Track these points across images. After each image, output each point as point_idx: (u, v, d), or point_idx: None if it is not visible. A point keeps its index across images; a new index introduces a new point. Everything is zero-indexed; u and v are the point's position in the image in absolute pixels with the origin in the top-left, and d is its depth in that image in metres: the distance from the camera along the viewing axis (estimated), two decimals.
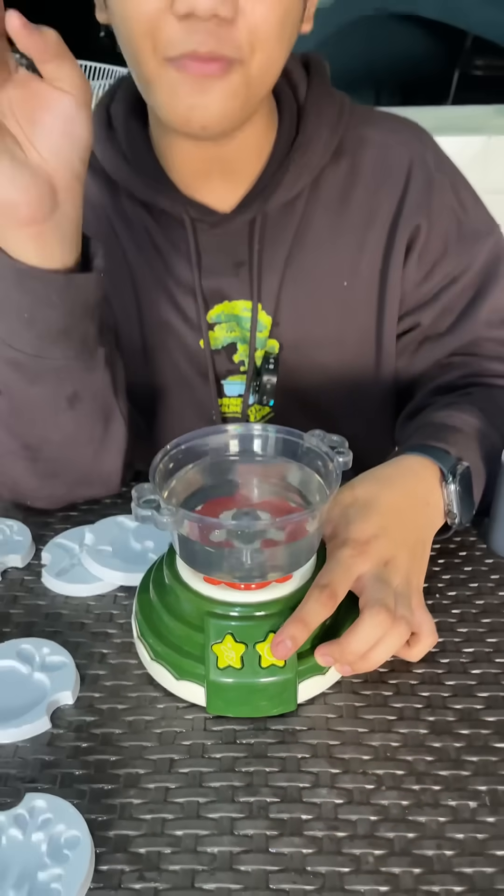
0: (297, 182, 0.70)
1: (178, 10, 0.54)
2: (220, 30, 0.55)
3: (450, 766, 0.48)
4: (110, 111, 0.72)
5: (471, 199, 0.76)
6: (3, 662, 0.55)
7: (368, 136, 0.73)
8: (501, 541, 0.65)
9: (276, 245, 0.72)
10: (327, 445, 0.53)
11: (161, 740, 0.50)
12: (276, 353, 0.75)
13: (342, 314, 0.74)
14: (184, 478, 0.54)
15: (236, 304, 0.74)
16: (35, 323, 0.57)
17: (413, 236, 0.72)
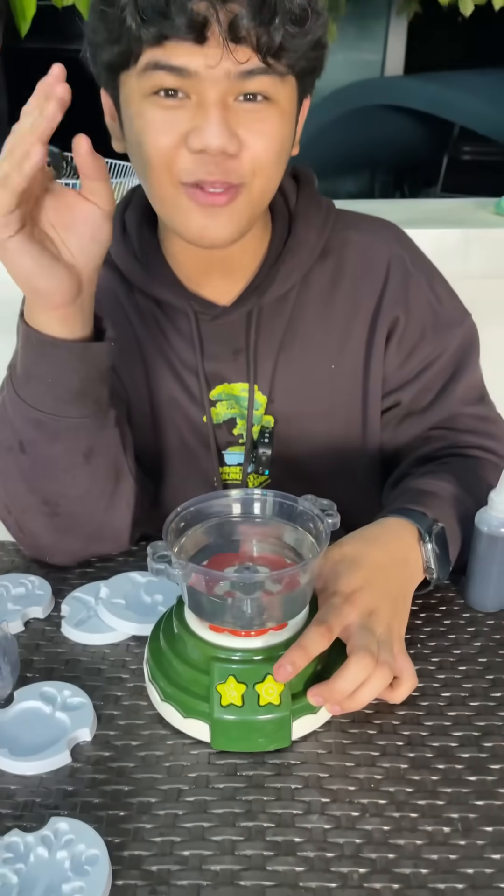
0: (288, 279, 0.79)
1: (192, 147, 0.64)
2: (227, 162, 0.65)
3: (427, 797, 0.54)
4: (125, 217, 0.82)
5: (445, 291, 0.85)
6: (28, 703, 0.61)
7: (351, 237, 0.82)
8: (477, 597, 0.72)
9: (271, 334, 0.80)
10: (318, 508, 0.61)
11: (170, 773, 0.56)
12: (272, 427, 0.83)
13: (330, 393, 0.83)
14: (192, 536, 0.62)
15: (235, 386, 0.82)
16: (56, 386, 0.66)
17: (392, 326, 0.81)
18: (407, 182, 3.58)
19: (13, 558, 0.80)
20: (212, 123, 0.63)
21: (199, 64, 0.61)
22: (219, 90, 0.63)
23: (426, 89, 2.99)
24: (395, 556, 0.66)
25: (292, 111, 0.69)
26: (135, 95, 0.66)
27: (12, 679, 0.61)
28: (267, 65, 0.63)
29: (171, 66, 0.62)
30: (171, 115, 0.64)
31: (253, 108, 0.65)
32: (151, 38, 0.61)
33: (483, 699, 0.62)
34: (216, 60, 0.61)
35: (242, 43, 0.61)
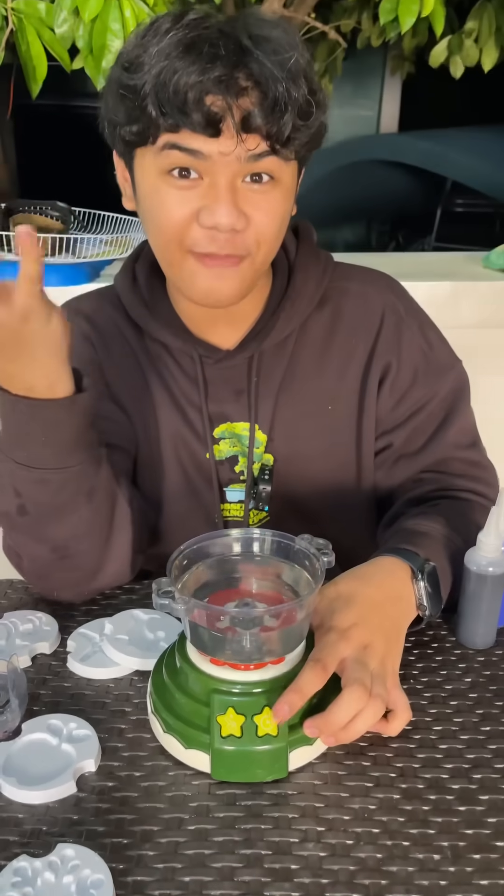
0: (287, 326, 0.84)
1: (203, 224, 0.70)
2: (234, 237, 0.71)
3: (418, 826, 0.56)
4: (135, 268, 0.88)
5: (436, 337, 0.90)
6: (36, 735, 0.63)
7: (347, 287, 0.87)
8: (468, 634, 0.75)
9: (271, 376, 0.85)
10: (314, 547, 0.64)
11: (172, 802, 0.58)
12: (271, 465, 0.87)
13: (327, 433, 0.87)
14: (194, 573, 0.65)
15: (237, 425, 0.87)
16: (52, 443, 0.69)
17: (385, 371, 0.86)
18: (402, 233, 3.69)
19: (21, 595, 0.83)
20: (222, 204, 0.69)
21: (212, 150, 0.68)
22: (229, 173, 0.69)
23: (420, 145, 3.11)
24: (389, 594, 0.69)
25: (293, 187, 0.75)
26: (150, 170, 0.71)
27: (20, 712, 0.64)
28: (274, 151, 0.69)
29: (186, 148, 0.68)
30: (184, 194, 0.70)
31: (259, 188, 0.71)
32: (169, 126, 0.67)
33: (473, 733, 0.65)
34: (229, 148, 0.67)
35: (254, 132, 0.67)
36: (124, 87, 0.68)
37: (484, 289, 1.43)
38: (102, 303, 0.89)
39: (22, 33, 1.45)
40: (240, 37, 0.66)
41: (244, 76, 0.65)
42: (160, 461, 0.88)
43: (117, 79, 0.70)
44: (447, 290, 1.37)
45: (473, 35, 2.10)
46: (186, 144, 0.67)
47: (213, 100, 0.65)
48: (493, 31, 2.07)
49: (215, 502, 0.88)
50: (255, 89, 0.66)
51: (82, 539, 0.76)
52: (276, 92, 0.66)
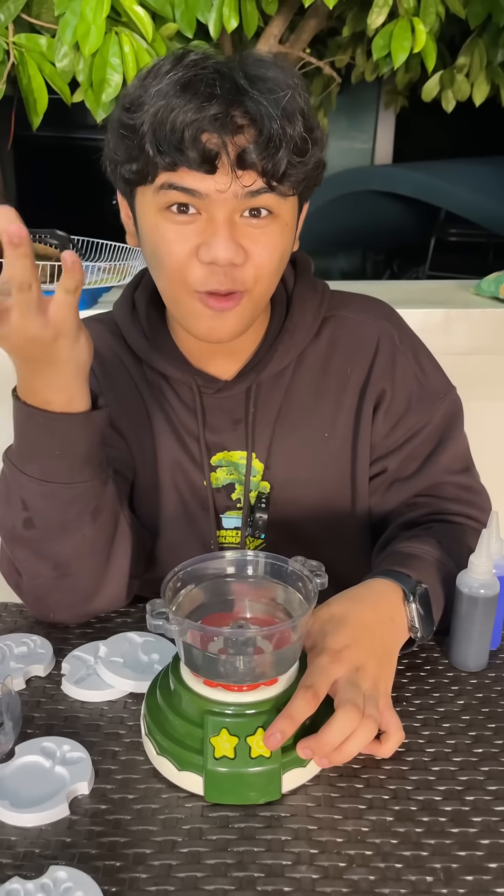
0: (284, 358, 0.85)
1: (202, 259, 0.71)
2: (233, 272, 0.72)
3: (411, 848, 0.56)
4: (135, 297, 0.89)
5: (430, 364, 0.91)
6: (29, 757, 0.63)
7: (343, 316, 0.89)
8: (460, 657, 0.75)
9: (268, 406, 0.86)
10: (307, 569, 0.65)
11: (164, 825, 0.58)
12: (268, 492, 0.88)
13: (323, 460, 0.88)
14: (188, 595, 0.65)
15: (234, 454, 0.88)
16: (65, 457, 0.70)
17: (380, 398, 0.87)
18: (397, 262, 3.74)
19: (16, 619, 0.83)
20: (220, 239, 0.70)
21: (209, 188, 0.69)
22: (227, 210, 0.70)
23: (413, 176, 3.16)
24: (381, 616, 0.69)
25: (293, 222, 0.77)
26: (150, 208, 0.73)
27: (14, 734, 0.64)
28: (271, 188, 0.70)
29: (184, 188, 0.69)
30: (183, 230, 0.72)
31: (257, 223, 0.72)
32: (166, 165, 0.69)
33: (466, 755, 0.65)
34: (225, 186, 0.69)
35: (249, 169, 0.69)
36: (124, 127, 0.71)
37: (476, 316, 1.45)
38: (102, 330, 0.90)
39: (23, 67, 1.49)
40: (236, 77, 0.68)
41: (240, 114, 0.67)
42: (158, 487, 0.89)
43: (118, 119, 0.72)
44: (440, 318, 1.39)
45: (465, 70, 2.15)
46: (183, 184, 0.69)
47: (208, 137, 0.67)
48: (483, 67, 2.12)
49: (211, 529, 0.88)
50: (250, 127, 0.68)
51: (84, 558, 0.76)
52: (271, 129, 0.67)
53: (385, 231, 3.59)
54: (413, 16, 1.70)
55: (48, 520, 0.73)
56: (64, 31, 1.41)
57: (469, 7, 1.90)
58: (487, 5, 1.89)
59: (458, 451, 0.90)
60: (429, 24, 1.71)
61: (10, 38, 1.48)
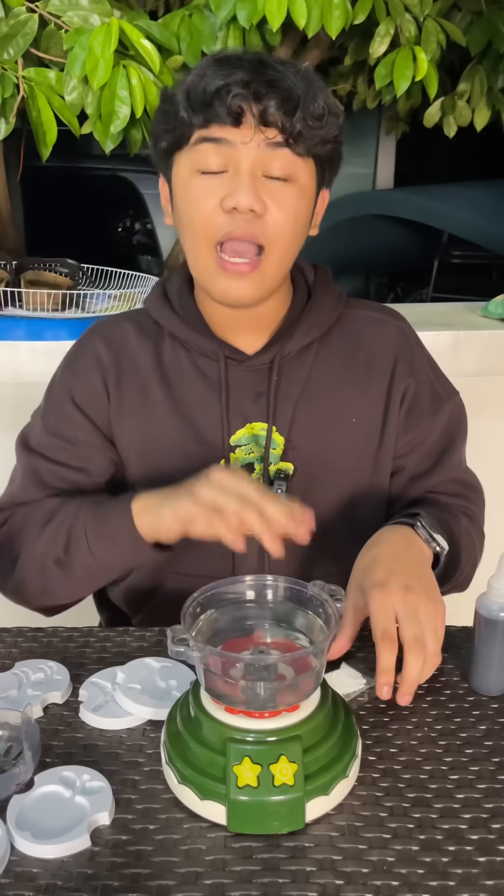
0: (307, 334, 0.90)
1: (225, 206, 0.78)
2: (253, 221, 0.79)
3: (438, 878, 0.56)
4: (166, 287, 0.95)
5: (437, 369, 0.98)
6: (49, 787, 0.63)
7: (363, 314, 0.95)
8: (481, 681, 0.75)
9: (292, 382, 0.90)
10: (327, 594, 0.64)
11: (187, 856, 0.58)
12: (291, 472, 0.90)
13: (350, 443, 0.91)
14: (208, 620, 0.65)
15: (255, 425, 0.90)
16: (121, 564, 0.86)
17: (405, 393, 0.92)
18: (400, 284, 3.76)
19: (31, 644, 0.83)
20: (243, 187, 0.77)
21: (235, 138, 0.77)
22: (250, 161, 0.78)
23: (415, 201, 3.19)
24: (401, 545, 0.78)
25: (311, 190, 0.83)
26: (184, 170, 0.81)
27: (34, 763, 0.64)
28: (288, 144, 0.78)
29: (214, 138, 0.78)
30: (211, 184, 0.79)
31: (278, 184, 0.79)
32: (199, 122, 0.78)
33: (490, 781, 0.64)
34: (249, 137, 0.76)
35: (271, 126, 0.77)
36: (164, 100, 0.81)
37: (485, 338, 1.46)
38: (122, 322, 0.95)
39: (33, 100, 1.52)
40: (264, 57, 0.79)
41: (263, 81, 0.76)
42: (168, 477, 0.89)
43: (161, 97, 0.83)
44: (448, 340, 1.40)
45: (466, 96, 2.18)
46: (213, 135, 0.78)
47: (234, 97, 0.75)
48: (484, 93, 2.15)
49: None
50: (272, 91, 0.76)
51: (68, 599, 0.90)
52: (292, 93, 0.76)
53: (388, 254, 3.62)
54: (415, 44, 1.73)
55: (76, 576, 0.84)
56: (73, 65, 1.44)
57: (469, 34, 1.93)
58: (487, 32, 1.92)
59: (461, 452, 0.97)
60: (430, 53, 1.74)
61: (19, 72, 1.51)
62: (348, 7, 1.53)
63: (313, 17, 1.50)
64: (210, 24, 1.54)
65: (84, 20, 1.44)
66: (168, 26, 1.53)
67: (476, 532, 0.95)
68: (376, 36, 1.73)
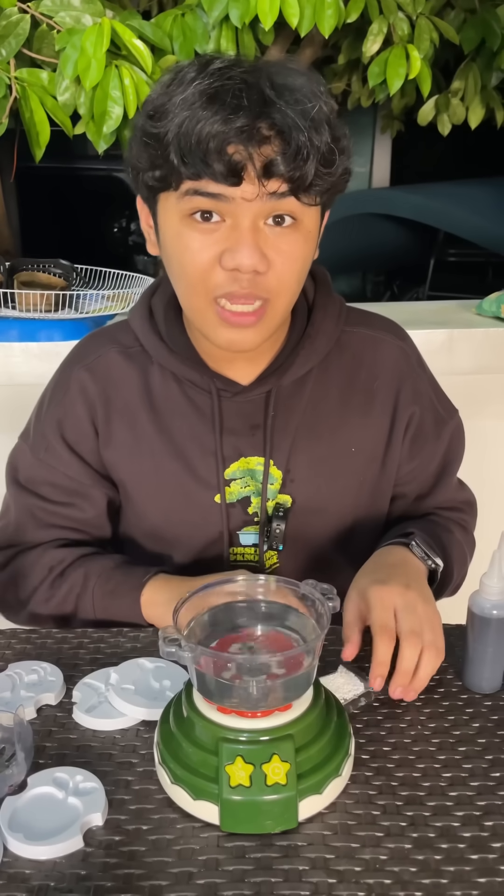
0: (306, 363, 0.85)
1: (226, 266, 0.71)
2: (255, 278, 0.72)
3: (431, 875, 0.56)
4: (151, 302, 0.88)
5: (438, 388, 0.94)
6: (42, 789, 0.63)
7: (362, 334, 0.89)
8: (474, 679, 0.75)
9: (289, 413, 0.86)
10: (319, 592, 0.64)
11: (180, 856, 0.58)
12: (289, 506, 0.87)
13: (350, 474, 0.88)
14: (200, 620, 0.65)
15: (251, 460, 0.87)
16: (118, 621, 0.85)
17: (409, 421, 0.89)
18: (397, 283, 3.77)
19: (25, 645, 0.82)
20: (244, 246, 0.70)
21: (235, 193, 0.69)
22: (251, 215, 0.70)
23: (411, 199, 3.19)
24: (397, 562, 0.79)
25: (316, 231, 0.77)
26: (173, 215, 0.72)
27: (27, 765, 0.63)
28: (296, 195, 0.70)
29: (209, 193, 0.69)
30: (207, 238, 0.71)
31: (281, 231, 0.72)
32: (192, 175, 0.68)
33: (483, 779, 0.64)
34: (251, 194, 0.69)
35: (275, 178, 0.68)
36: (148, 136, 0.70)
37: (479, 336, 1.46)
38: (106, 350, 0.89)
39: (25, 101, 1.52)
40: (262, 87, 0.67)
41: (266, 126, 0.67)
42: (161, 511, 0.88)
43: (142, 127, 0.71)
44: (443, 338, 1.40)
45: (459, 94, 2.18)
46: (208, 189, 0.69)
47: (234, 149, 0.66)
48: (478, 90, 2.15)
49: (224, 549, 0.88)
50: (277, 138, 0.67)
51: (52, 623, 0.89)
52: (299, 141, 0.67)
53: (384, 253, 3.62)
54: (408, 43, 1.73)
55: (75, 622, 0.87)
56: (65, 66, 1.43)
57: (462, 32, 1.93)
58: (480, 30, 1.92)
59: (457, 470, 0.95)
60: (423, 51, 1.74)
61: (11, 72, 1.51)
62: (341, 6, 1.53)
63: (306, 15, 1.50)
64: (203, 24, 1.54)
65: (76, 20, 1.44)
66: (160, 26, 1.53)
67: (468, 544, 0.94)
68: (369, 34, 1.73)
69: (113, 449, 0.87)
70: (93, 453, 0.88)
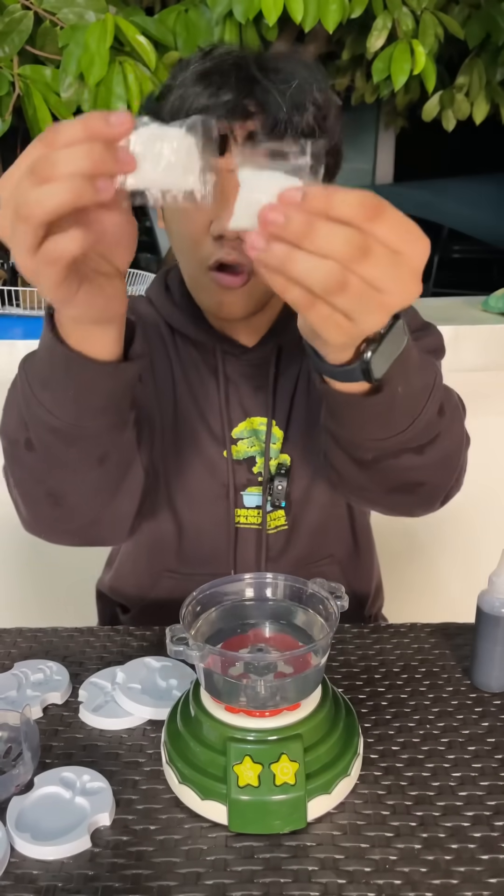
0: None
1: (213, 232, 0.75)
2: (240, 245, 0.73)
3: (441, 876, 0.55)
4: (167, 278, 0.93)
5: (419, 319, 0.94)
6: (49, 788, 0.62)
7: None
8: (483, 677, 0.74)
9: (289, 374, 0.89)
10: (327, 591, 0.64)
11: (188, 856, 0.57)
12: (289, 465, 0.89)
13: None
14: (207, 619, 0.65)
15: (255, 420, 0.90)
16: (79, 401, 0.62)
17: None
18: None
19: (31, 644, 0.82)
20: (228, 212, 0.68)
21: (219, 164, 0.70)
22: (235, 185, 0.64)
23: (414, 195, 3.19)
24: None
25: None
26: None
27: (33, 765, 0.63)
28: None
29: None
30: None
31: None
32: None
33: (493, 778, 0.64)
34: (234, 164, 0.69)
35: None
36: (149, 114, 0.73)
37: (485, 332, 1.45)
38: (141, 301, 0.94)
39: (28, 98, 1.51)
40: (251, 68, 0.73)
41: (250, 102, 0.71)
42: (173, 451, 0.90)
43: (146, 108, 0.78)
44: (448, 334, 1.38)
45: (464, 90, 2.17)
46: None
47: (219, 123, 0.69)
48: (483, 86, 2.14)
49: (230, 507, 0.89)
50: (259, 114, 0.72)
51: (81, 498, 0.71)
52: (278, 117, 0.71)
53: None
54: (412, 38, 1.72)
55: (48, 451, 0.66)
56: (68, 62, 1.43)
57: (467, 27, 1.93)
58: (485, 25, 1.92)
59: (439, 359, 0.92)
60: (428, 46, 1.73)
61: (15, 69, 1.50)
62: (345, 1, 1.52)
63: (310, 11, 1.49)
64: (206, 20, 1.54)
65: (79, 17, 1.44)
66: (164, 22, 1.52)
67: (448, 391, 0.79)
68: (373, 30, 1.72)
69: (152, 382, 0.89)
70: None
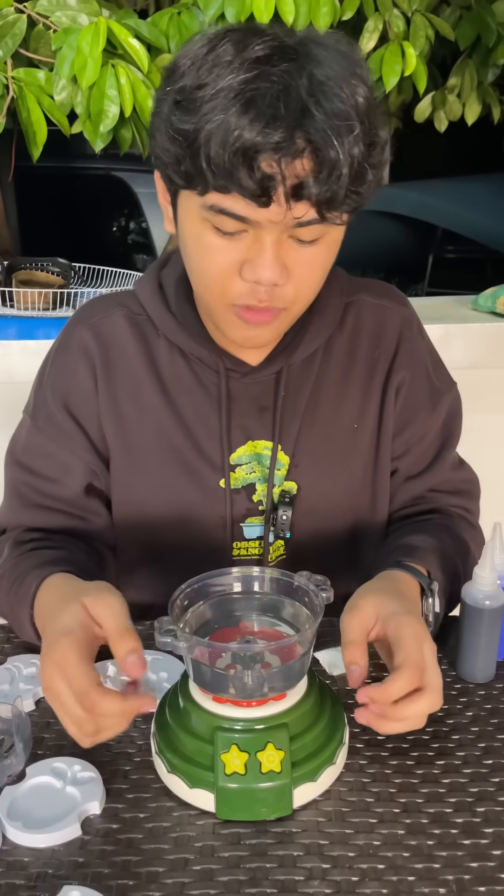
0: (314, 341, 0.84)
1: (246, 278, 0.69)
2: (274, 290, 0.70)
3: (423, 860, 0.56)
4: (161, 274, 0.85)
5: (436, 358, 0.92)
6: (40, 778, 0.64)
7: (365, 300, 0.88)
8: (467, 668, 0.76)
9: (298, 395, 0.84)
10: (313, 584, 0.65)
11: (176, 843, 0.58)
12: (294, 493, 0.85)
13: (352, 453, 0.86)
14: (196, 612, 0.66)
15: (258, 444, 0.84)
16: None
17: (400, 385, 0.86)
18: (396, 279, 3.77)
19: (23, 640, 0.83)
20: (266, 261, 0.67)
21: (260, 217, 0.65)
22: (275, 233, 0.67)
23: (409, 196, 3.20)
24: (414, 598, 0.73)
25: (340, 239, 0.73)
26: (195, 215, 0.69)
27: (25, 756, 0.64)
28: (323, 218, 0.66)
29: (234, 214, 0.66)
30: (228, 244, 0.68)
31: (304, 246, 0.69)
32: (219, 187, 0.64)
33: (476, 766, 0.65)
34: (278, 217, 0.66)
35: (304, 200, 0.64)
36: (176, 130, 0.65)
37: (474, 330, 1.47)
38: (112, 312, 0.86)
39: (22, 101, 1.52)
40: (300, 89, 0.62)
41: (302, 138, 0.62)
42: (162, 490, 0.84)
43: (168, 117, 0.66)
44: (439, 333, 1.41)
45: (456, 90, 2.18)
46: (235, 211, 0.66)
47: (267, 164, 0.62)
48: (474, 87, 2.15)
49: (227, 538, 0.85)
50: (310, 154, 0.63)
51: None
52: (331, 158, 0.63)
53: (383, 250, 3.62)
54: (403, 40, 1.73)
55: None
56: (61, 65, 1.44)
57: (458, 29, 1.94)
58: (476, 26, 1.93)
59: (456, 446, 0.92)
60: (419, 48, 1.75)
61: (8, 72, 1.51)
62: (336, 3, 1.53)
63: (301, 13, 1.51)
64: (199, 22, 1.55)
65: (72, 20, 1.45)
66: (157, 25, 1.53)
67: (475, 544, 0.88)
68: (365, 31, 1.73)
69: (114, 417, 0.84)
70: (92, 419, 0.84)
